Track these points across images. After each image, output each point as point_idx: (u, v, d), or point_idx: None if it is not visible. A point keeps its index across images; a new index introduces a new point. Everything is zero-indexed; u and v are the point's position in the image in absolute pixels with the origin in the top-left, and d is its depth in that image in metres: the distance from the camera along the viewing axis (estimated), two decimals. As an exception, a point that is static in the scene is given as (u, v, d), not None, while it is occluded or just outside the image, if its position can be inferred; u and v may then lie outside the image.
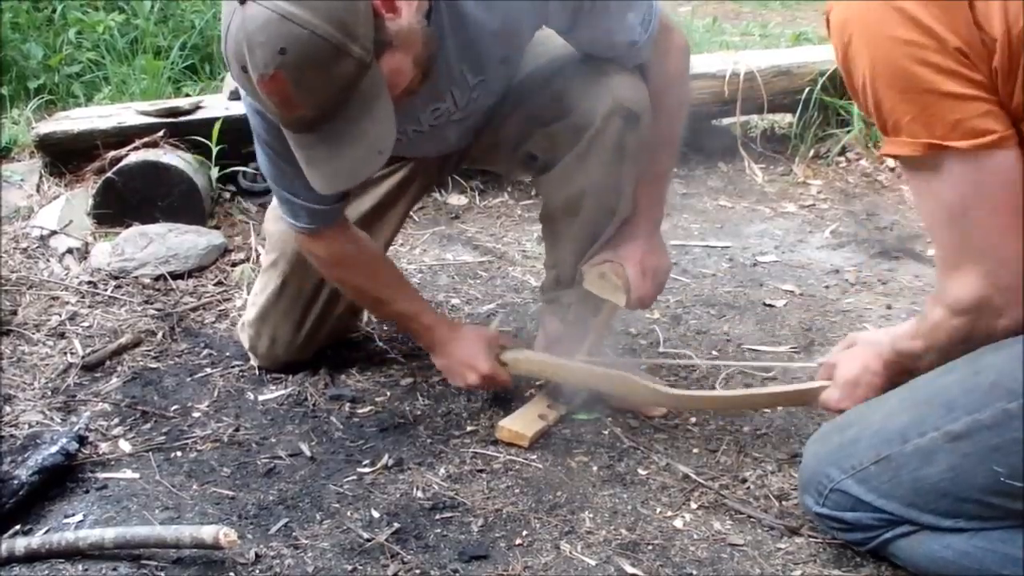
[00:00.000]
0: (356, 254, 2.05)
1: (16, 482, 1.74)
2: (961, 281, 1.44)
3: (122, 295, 2.61)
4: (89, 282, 2.66)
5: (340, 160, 1.62)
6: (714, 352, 2.36)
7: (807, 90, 3.61)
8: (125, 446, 1.98)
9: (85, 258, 2.78)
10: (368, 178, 1.70)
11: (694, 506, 1.80)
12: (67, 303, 2.56)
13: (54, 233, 2.84)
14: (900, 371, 1.66)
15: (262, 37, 1.47)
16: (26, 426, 2.03)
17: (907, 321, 1.74)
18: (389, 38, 1.57)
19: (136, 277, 2.68)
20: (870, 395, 1.68)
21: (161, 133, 3.04)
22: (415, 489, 1.84)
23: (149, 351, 2.36)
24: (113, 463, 1.93)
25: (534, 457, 1.94)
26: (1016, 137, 1.37)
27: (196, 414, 2.10)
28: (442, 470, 1.90)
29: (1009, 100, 1.34)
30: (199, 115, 3.14)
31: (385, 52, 1.57)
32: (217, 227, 2.96)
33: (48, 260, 2.76)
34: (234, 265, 2.78)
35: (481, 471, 1.90)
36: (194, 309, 2.56)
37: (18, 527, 1.71)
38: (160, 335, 2.41)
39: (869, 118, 1.45)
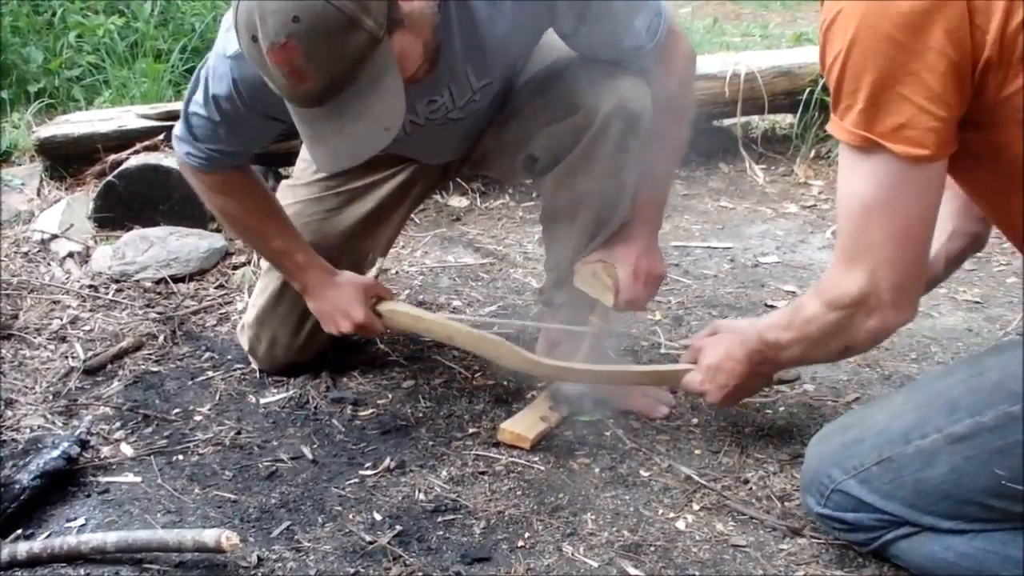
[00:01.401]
0: (238, 184, 2.04)
1: (18, 486, 1.74)
2: (847, 276, 1.46)
3: (123, 299, 2.61)
4: (90, 286, 2.66)
5: (346, 136, 1.61)
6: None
7: (808, 91, 3.62)
8: (127, 450, 1.98)
9: (86, 262, 2.78)
10: (373, 156, 1.69)
11: (696, 507, 1.80)
12: (68, 307, 2.56)
13: (55, 237, 2.84)
14: (763, 360, 1.70)
15: (275, 5, 1.48)
16: (28, 430, 2.03)
17: (775, 311, 1.75)
18: (401, 17, 1.57)
19: (137, 280, 2.68)
20: (730, 381, 1.75)
21: (162, 136, 3.04)
22: (417, 491, 1.84)
23: (150, 355, 2.36)
24: (115, 467, 1.93)
25: (536, 459, 1.94)
26: (945, 163, 1.38)
27: (198, 417, 2.10)
28: (444, 472, 1.90)
29: (998, 91, 1.34)
30: (200, 118, 3.13)
31: (396, 31, 1.57)
32: (218, 230, 2.96)
33: (49, 264, 2.76)
34: (235, 268, 2.78)
35: (483, 473, 1.90)
36: (195, 312, 2.56)
37: (20, 531, 1.71)
38: (161, 338, 2.41)
39: (826, 87, 1.46)
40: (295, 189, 2.22)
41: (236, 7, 1.53)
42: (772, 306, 2.61)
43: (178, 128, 1.98)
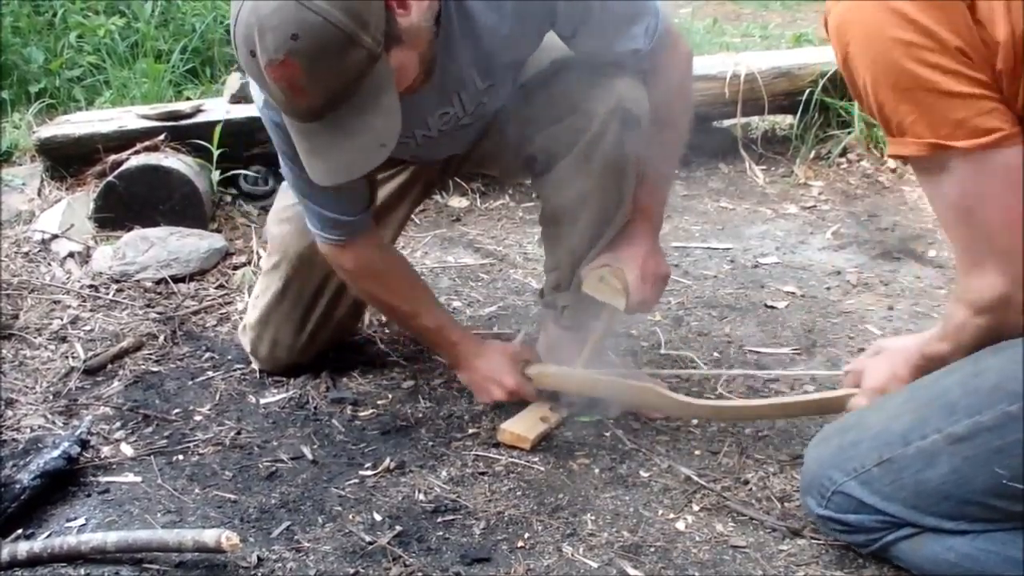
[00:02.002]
0: (383, 267, 2.06)
1: (18, 486, 1.74)
2: (979, 280, 1.44)
3: (123, 299, 2.61)
4: (90, 286, 2.66)
5: (342, 151, 1.61)
6: (716, 354, 2.36)
7: (808, 91, 3.62)
8: (127, 450, 1.98)
9: (86, 262, 2.78)
10: (368, 173, 1.70)
11: (696, 508, 1.80)
12: (68, 307, 2.56)
13: (55, 237, 2.84)
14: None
15: (275, 21, 1.47)
16: (28, 430, 2.03)
17: (934, 326, 1.74)
18: (399, 33, 1.58)
19: (137, 281, 2.68)
20: None
21: (162, 137, 3.04)
22: (417, 492, 1.84)
23: (151, 355, 2.36)
24: (115, 467, 1.93)
25: (536, 459, 1.94)
26: (1021, 134, 1.37)
27: (198, 417, 2.10)
28: (444, 473, 1.90)
29: (1014, 101, 1.34)
30: (200, 118, 3.14)
31: (394, 47, 1.57)
32: (218, 230, 2.96)
33: (49, 264, 2.76)
34: (235, 268, 2.78)
35: (483, 474, 1.90)
36: (195, 312, 2.56)
37: (20, 531, 1.71)
38: (162, 339, 2.42)
39: (873, 119, 1.45)
40: (296, 190, 2.21)
41: (234, 21, 1.53)
42: (772, 307, 2.62)
43: (275, 207, 2.06)
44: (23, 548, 1.63)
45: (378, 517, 1.77)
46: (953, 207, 1.41)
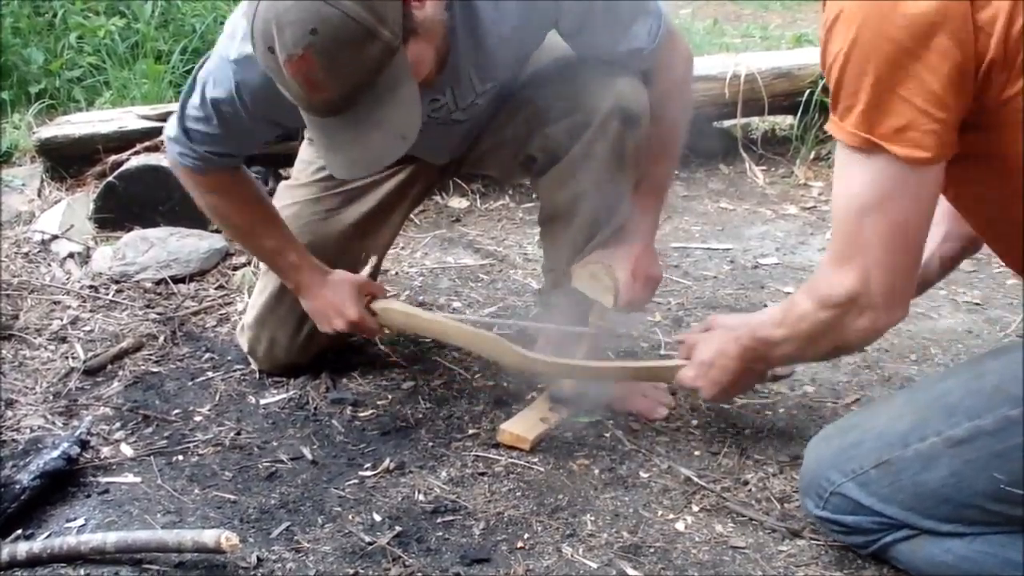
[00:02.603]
0: (231, 184, 2.03)
1: (18, 486, 1.75)
2: (840, 276, 1.45)
3: (123, 299, 2.61)
4: (90, 286, 2.66)
5: (363, 145, 1.62)
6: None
7: (808, 92, 3.62)
8: (127, 450, 1.98)
9: (86, 262, 2.78)
10: (385, 166, 1.70)
11: (696, 509, 1.80)
12: (68, 307, 2.56)
13: (55, 237, 2.84)
14: (755, 357, 1.70)
15: (293, 16, 1.48)
16: (28, 430, 2.03)
17: (769, 308, 1.76)
18: (415, 25, 1.58)
19: (137, 281, 2.68)
20: (723, 377, 1.75)
21: (162, 137, 3.03)
22: (417, 492, 1.84)
23: (150, 355, 2.36)
24: (115, 467, 1.93)
25: (535, 460, 1.94)
26: (943, 166, 1.38)
27: (197, 418, 2.10)
28: (444, 473, 1.90)
29: (1000, 91, 1.34)
30: (200, 119, 3.14)
31: (411, 39, 1.58)
32: (217, 231, 2.96)
33: (49, 264, 2.76)
34: (235, 269, 2.78)
35: (483, 474, 1.90)
36: (195, 313, 2.56)
37: (20, 531, 1.71)
38: (161, 339, 2.42)
39: (826, 87, 1.45)
40: (294, 190, 2.22)
41: (252, 17, 1.53)
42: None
43: (171, 129, 1.96)
44: (23, 548, 1.63)
45: (378, 517, 1.77)
46: (853, 200, 1.42)
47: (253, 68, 1.64)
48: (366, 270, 2.15)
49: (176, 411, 2.13)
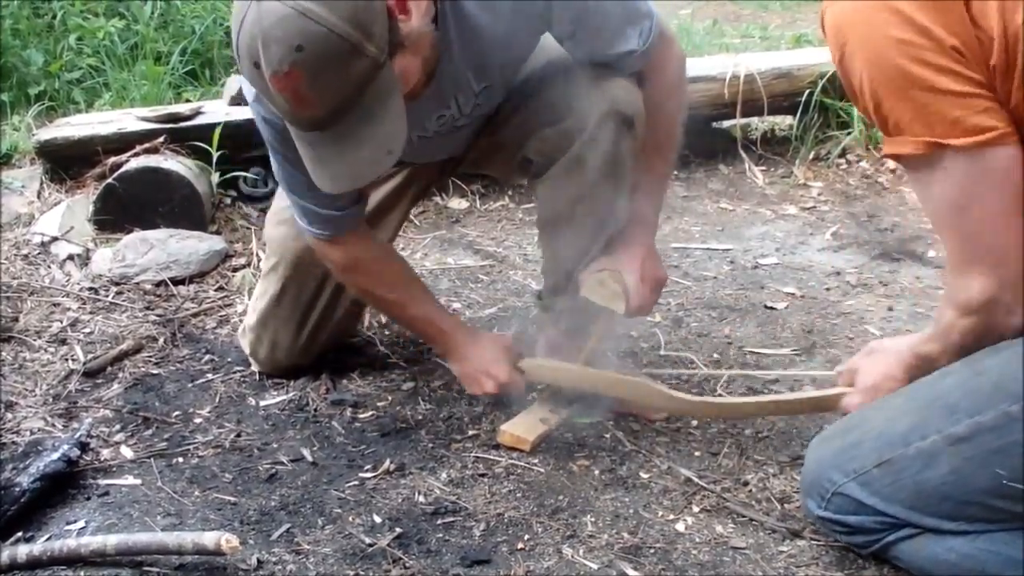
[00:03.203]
0: (371, 259, 2.05)
1: (18, 489, 1.74)
2: (969, 280, 1.44)
3: (123, 301, 2.61)
4: (90, 288, 2.66)
5: (349, 160, 1.61)
6: (715, 355, 2.36)
7: (807, 92, 3.62)
8: (127, 452, 1.98)
9: (86, 264, 2.78)
10: (375, 179, 1.70)
11: (696, 509, 1.80)
12: (68, 309, 2.56)
13: (55, 239, 2.84)
14: (921, 375, 1.65)
15: (278, 32, 1.47)
16: (28, 433, 2.03)
17: (927, 326, 1.74)
18: (401, 39, 1.57)
19: (137, 283, 2.68)
20: None
21: (162, 139, 3.04)
22: (417, 494, 1.84)
23: (150, 357, 2.36)
24: (115, 469, 1.93)
25: (536, 461, 1.94)
26: (1016, 133, 1.37)
27: (198, 420, 2.10)
28: (444, 474, 1.90)
29: (1008, 99, 1.34)
30: (199, 120, 3.14)
31: (397, 53, 1.57)
32: (218, 232, 2.96)
33: (49, 266, 2.76)
34: (235, 270, 2.78)
35: (483, 475, 1.90)
36: (195, 315, 2.56)
37: (20, 534, 1.71)
38: (161, 341, 2.41)
39: (868, 119, 1.45)
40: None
41: (237, 32, 1.52)
42: (772, 308, 2.62)
43: (273, 208, 2.03)
44: (23, 551, 1.63)
45: (378, 519, 1.77)
46: (946, 206, 1.41)
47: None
48: (512, 330, 2.16)
49: (176, 413, 2.13)
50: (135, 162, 2.97)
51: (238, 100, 3.20)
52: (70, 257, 2.79)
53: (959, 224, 1.41)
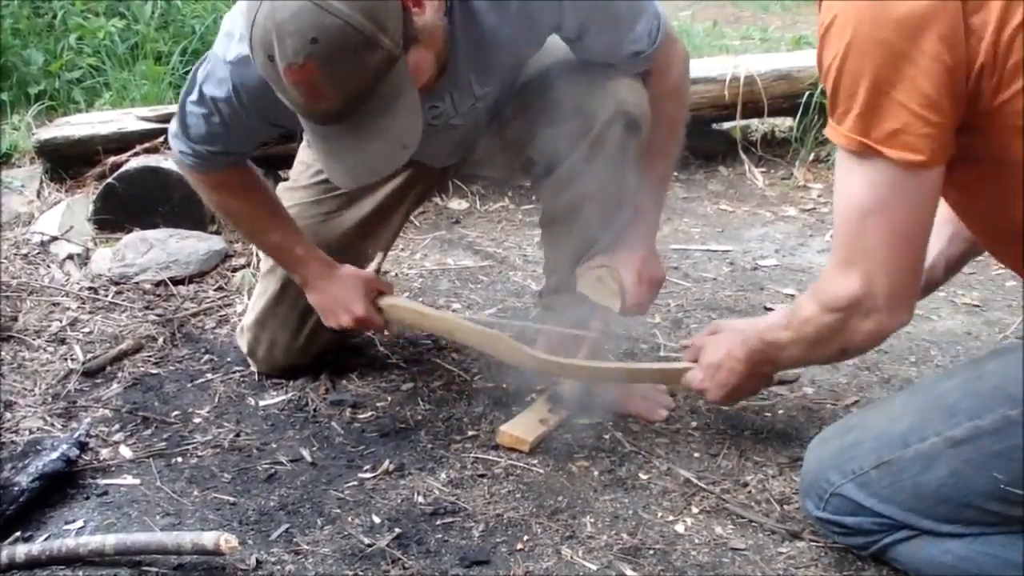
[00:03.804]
0: (239, 182, 2.03)
1: (16, 488, 1.74)
2: (841, 279, 1.46)
3: (123, 301, 2.61)
4: (90, 288, 2.66)
5: (364, 153, 1.61)
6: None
7: (807, 94, 3.62)
8: (126, 452, 1.98)
9: (86, 264, 2.78)
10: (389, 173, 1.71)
11: (695, 510, 1.80)
12: (68, 309, 2.56)
13: (55, 239, 2.84)
14: (763, 359, 1.70)
15: (293, 25, 1.47)
16: (27, 432, 2.03)
17: (775, 311, 1.76)
18: (415, 33, 1.57)
19: (137, 283, 2.68)
20: (730, 380, 1.76)
21: (162, 138, 3.04)
22: (416, 494, 1.84)
23: (150, 357, 2.36)
24: (114, 469, 1.92)
25: (535, 462, 1.94)
26: (942, 169, 1.38)
27: (197, 420, 2.10)
28: (443, 475, 1.90)
29: (992, 97, 1.34)
30: (199, 120, 3.13)
31: (411, 47, 1.57)
32: (218, 232, 2.96)
33: (49, 266, 2.76)
34: (235, 270, 2.78)
35: (482, 476, 1.90)
36: (195, 315, 2.56)
37: (19, 533, 1.71)
38: (161, 341, 2.41)
39: (823, 92, 1.46)
40: (293, 192, 2.21)
41: (251, 25, 1.52)
42: (771, 309, 2.61)
43: (173, 125, 1.97)
44: (21, 551, 1.63)
45: (377, 519, 1.77)
46: (855, 203, 1.42)
47: (250, 69, 1.64)
48: (372, 266, 2.14)
49: (175, 413, 2.13)
50: (135, 162, 2.97)
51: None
52: (70, 256, 2.79)
53: (859, 224, 1.42)
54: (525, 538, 1.72)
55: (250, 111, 1.81)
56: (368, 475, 1.90)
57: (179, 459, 1.96)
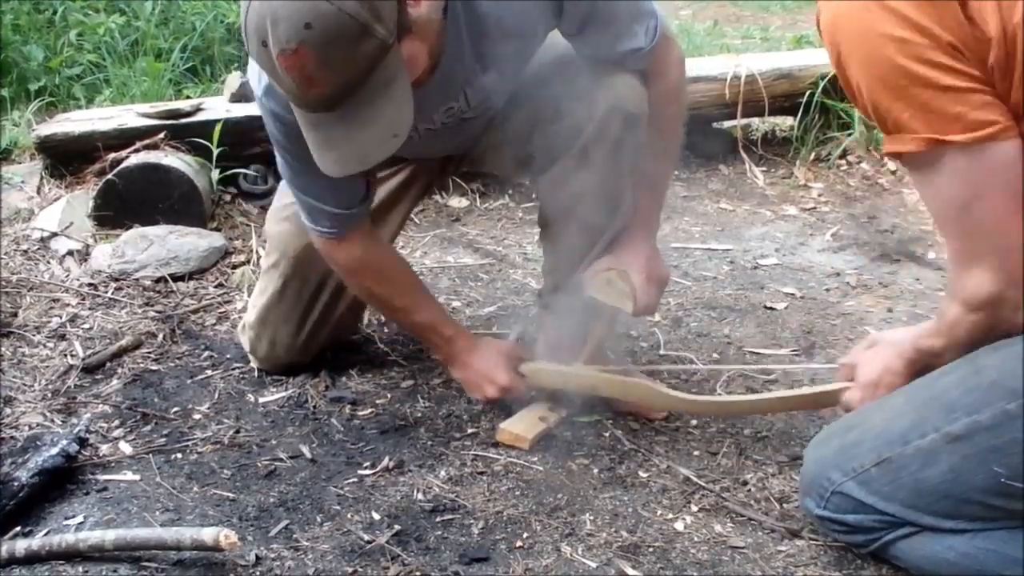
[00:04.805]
0: (378, 262, 2.05)
1: (16, 484, 1.74)
2: (973, 277, 1.44)
3: (123, 297, 2.61)
4: (90, 284, 2.66)
5: (354, 142, 1.61)
6: (715, 355, 2.36)
7: (808, 93, 3.62)
8: (125, 448, 1.98)
9: (86, 260, 2.78)
10: (379, 162, 1.70)
11: (695, 508, 1.80)
12: (68, 305, 2.56)
13: (55, 235, 2.84)
14: (922, 370, 1.64)
15: (287, 10, 1.47)
16: (26, 428, 2.03)
17: (928, 320, 1.74)
18: (410, 24, 1.58)
19: (137, 279, 2.68)
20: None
21: (162, 135, 3.04)
22: (416, 491, 1.84)
23: (149, 353, 2.35)
24: (113, 465, 1.92)
25: (535, 459, 1.94)
26: (1017, 127, 1.36)
27: (196, 416, 2.10)
28: (443, 472, 1.90)
29: (1007, 96, 1.34)
30: (200, 117, 3.14)
31: (405, 37, 1.58)
32: (218, 229, 2.96)
33: (49, 262, 2.76)
34: (235, 267, 2.78)
35: (482, 473, 1.90)
36: (195, 311, 2.56)
37: (18, 529, 1.71)
38: (161, 337, 2.41)
39: (868, 119, 1.45)
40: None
41: (245, 12, 1.53)
42: (771, 308, 2.62)
43: (274, 205, 2.03)
44: (21, 546, 1.63)
45: (377, 516, 1.77)
46: (949, 203, 1.41)
47: (276, 93, 1.65)
48: (513, 335, 2.16)
49: (175, 409, 2.13)
50: (135, 158, 2.97)
51: (239, 97, 3.20)
52: (70, 253, 2.79)
53: (962, 221, 1.40)
54: (524, 535, 1.72)
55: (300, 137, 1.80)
56: (368, 472, 1.90)
57: (179, 455, 1.96)
